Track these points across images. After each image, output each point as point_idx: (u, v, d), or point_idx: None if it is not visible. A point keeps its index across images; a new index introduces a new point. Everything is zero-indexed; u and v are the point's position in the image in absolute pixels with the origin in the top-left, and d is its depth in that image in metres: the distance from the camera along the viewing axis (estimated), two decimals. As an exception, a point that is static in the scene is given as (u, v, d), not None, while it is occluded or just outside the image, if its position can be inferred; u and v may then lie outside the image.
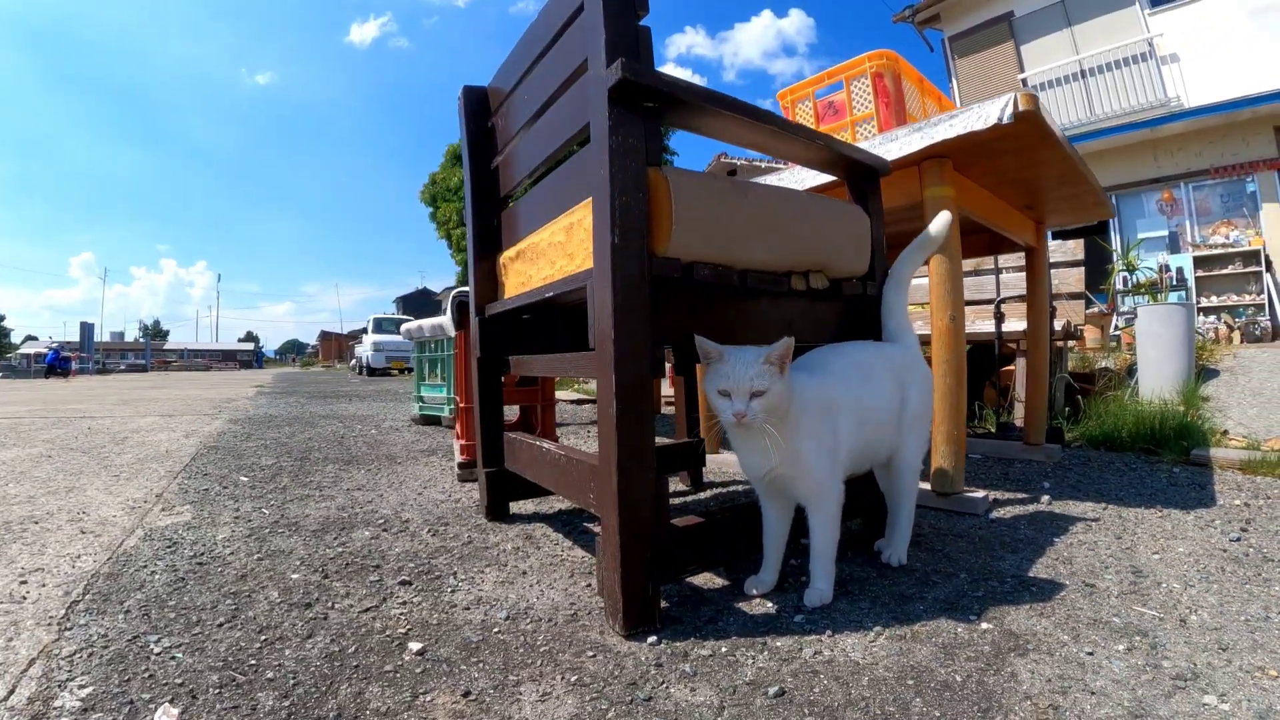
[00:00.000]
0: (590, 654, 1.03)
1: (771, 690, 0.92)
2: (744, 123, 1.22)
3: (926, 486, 1.89)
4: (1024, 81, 9.02)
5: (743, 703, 0.90)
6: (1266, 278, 7.45)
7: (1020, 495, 2.01)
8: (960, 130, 1.70)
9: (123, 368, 28.81)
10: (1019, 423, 3.17)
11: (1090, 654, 1.00)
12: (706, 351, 1.10)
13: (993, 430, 3.18)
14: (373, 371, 14.85)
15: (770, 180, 2.25)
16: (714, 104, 1.14)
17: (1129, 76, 8.43)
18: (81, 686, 0.91)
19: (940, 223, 1.54)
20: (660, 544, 1.12)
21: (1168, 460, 2.39)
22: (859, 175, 1.61)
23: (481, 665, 0.99)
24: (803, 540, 1.50)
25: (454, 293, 2.39)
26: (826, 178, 1.96)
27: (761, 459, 1.15)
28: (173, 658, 0.99)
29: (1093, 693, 0.90)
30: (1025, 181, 2.21)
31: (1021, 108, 1.63)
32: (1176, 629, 1.09)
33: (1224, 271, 7.77)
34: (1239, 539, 1.51)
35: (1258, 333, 7.07)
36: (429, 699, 0.91)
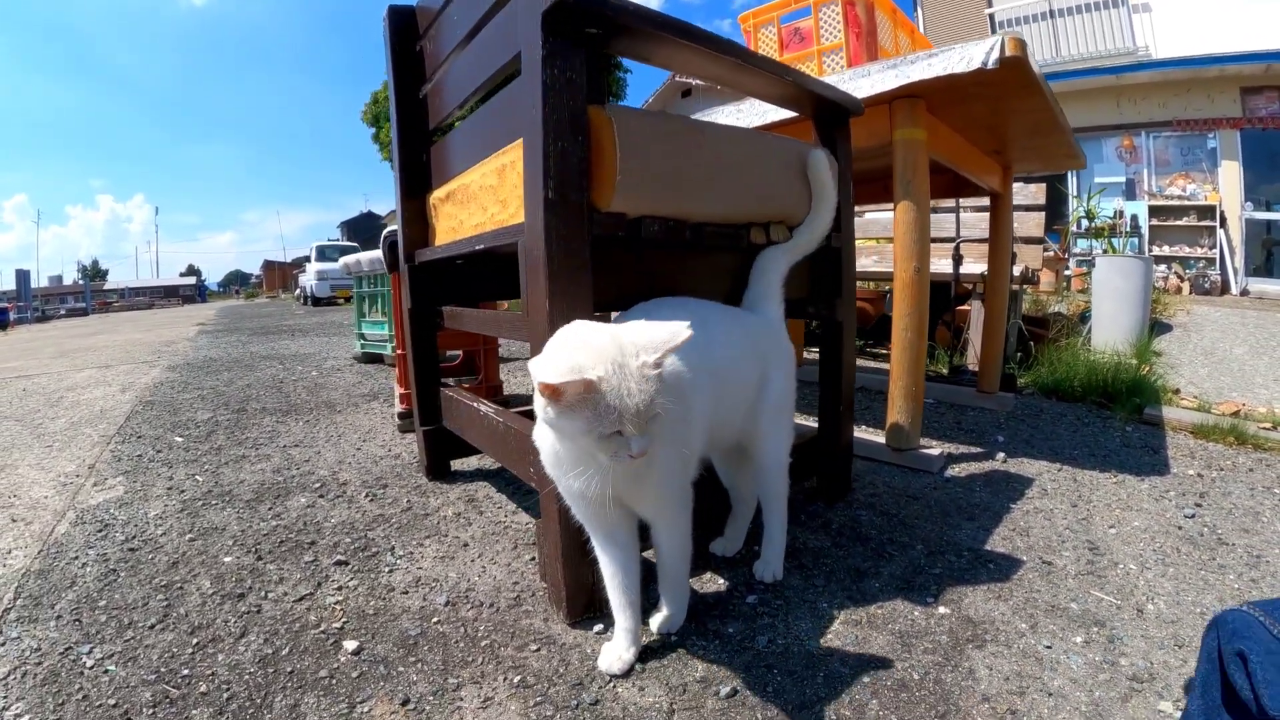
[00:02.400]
0: (534, 648, 0.98)
1: (724, 690, 0.87)
2: (704, 54, 1.06)
3: (880, 440, 1.84)
4: (991, 18, 8.75)
5: (693, 705, 0.85)
6: (1220, 233, 7.58)
7: (975, 450, 1.98)
8: (940, 71, 1.56)
9: (63, 313, 27.13)
10: (971, 366, 3.16)
11: (1048, 647, 0.97)
12: (562, 382, 0.70)
13: (945, 373, 3.17)
14: (317, 301, 14.24)
15: (729, 110, 2.08)
16: (670, 32, 0.98)
17: (1098, 21, 8.25)
18: (17, 716, 0.84)
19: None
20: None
21: (1120, 417, 2.39)
22: (827, 114, 1.48)
23: (420, 666, 0.93)
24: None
25: (385, 231, 2.20)
26: (788, 113, 1.81)
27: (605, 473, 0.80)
28: (105, 671, 0.92)
29: (1050, 694, 0.86)
30: (997, 128, 2.10)
31: (1009, 53, 1.50)
32: (1134, 619, 1.05)
33: (1179, 223, 7.85)
34: (1193, 515, 1.49)
35: (1206, 285, 7.25)
36: (367, 709, 0.85)
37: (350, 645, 0.98)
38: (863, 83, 1.68)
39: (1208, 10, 7.58)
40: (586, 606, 1.04)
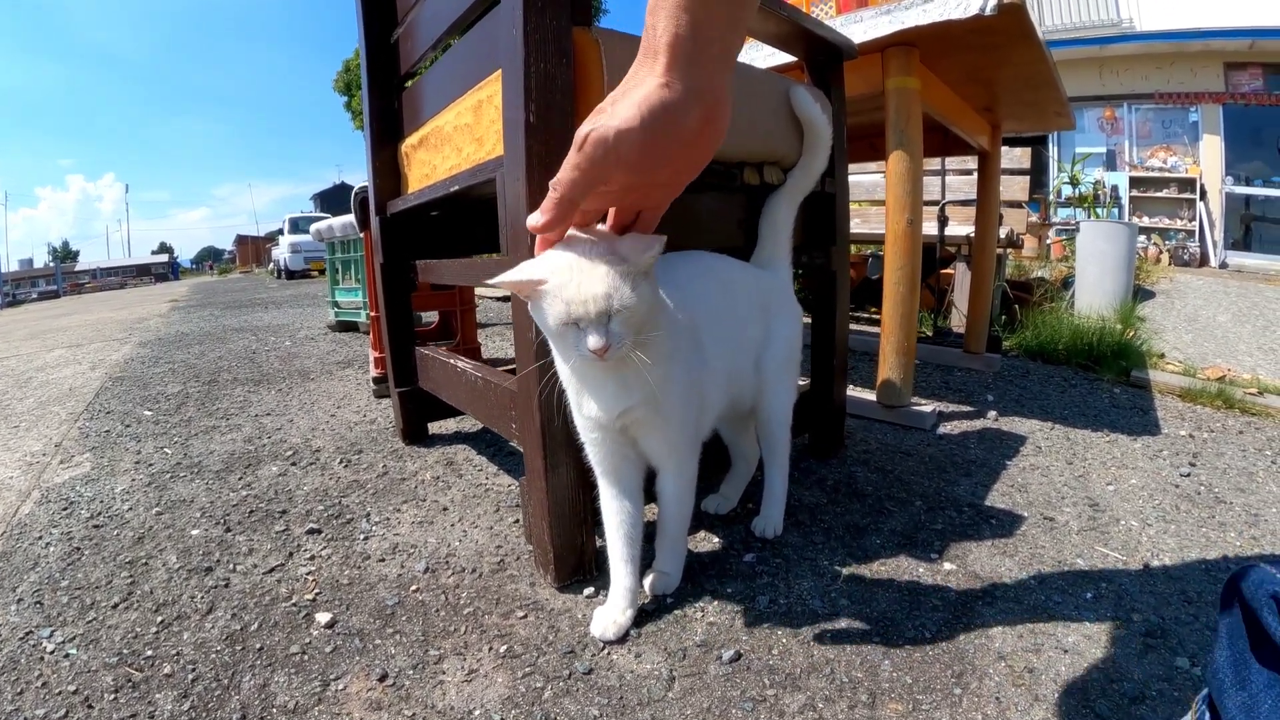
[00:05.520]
0: (520, 614, 0.92)
1: (726, 654, 0.81)
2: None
3: (871, 397, 1.80)
4: (974, -18, 8.66)
5: (695, 671, 0.79)
6: (1200, 206, 7.66)
7: (965, 408, 1.95)
8: (935, 17, 1.49)
9: (34, 296, 26.58)
10: (955, 328, 3.14)
11: (1059, 603, 0.94)
12: (527, 274, 0.69)
13: (929, 334, 3.15)
14: (291, 274, 13.93)
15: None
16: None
17: (1083, -9, 8.22)
18: (-25, 708, 0.77)
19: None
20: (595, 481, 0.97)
21: (1107, 379, 2.38)
22: (821, 57, 1.41)
23: (399, 638, 0.88)
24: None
25: (357, 188, 2.10)
26: (779, 59, 1.74)
27: (619, 393, 0.78)
28: (66, 655, 0.88)
29: (1066, 650, 0.83)
30: (990, 81, 2.04)
31: (1008, -1, 1.43)
32: (1140, 576, 1.03)
33: (1159, 194, 7.91)
34: (1189, 474, 1.47)
35: (1186, 257, 7.34)
36: (341, 687, 0.79)
37: (323, 618, 0.93)
38: (855, 29, 1.60)
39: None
40: (575, 568, 0.98)
